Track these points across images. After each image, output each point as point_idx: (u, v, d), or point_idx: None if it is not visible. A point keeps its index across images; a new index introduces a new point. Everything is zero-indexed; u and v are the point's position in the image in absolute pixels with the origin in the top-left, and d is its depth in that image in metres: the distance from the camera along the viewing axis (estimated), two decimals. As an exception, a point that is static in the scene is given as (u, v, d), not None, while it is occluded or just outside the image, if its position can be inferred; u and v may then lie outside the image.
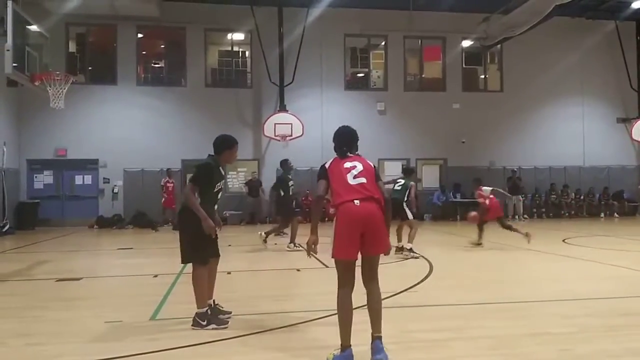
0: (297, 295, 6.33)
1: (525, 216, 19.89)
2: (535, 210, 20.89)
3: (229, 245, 11.32)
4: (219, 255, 5.10)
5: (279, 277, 7.84)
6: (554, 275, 7.62)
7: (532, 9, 17.41)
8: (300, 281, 7.55)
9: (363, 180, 3.94)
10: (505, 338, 4.37)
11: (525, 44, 20.25)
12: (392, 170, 21.02)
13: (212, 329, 4.73)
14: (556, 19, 19.11)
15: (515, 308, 5.47)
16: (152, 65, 20.49)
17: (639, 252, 10.15)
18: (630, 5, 19.91)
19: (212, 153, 5.09)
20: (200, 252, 4.83)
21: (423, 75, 21.65)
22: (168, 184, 17.23)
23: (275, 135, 18.51)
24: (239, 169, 19.73)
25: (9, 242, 13.29)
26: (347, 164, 4.03)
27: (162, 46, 20.62)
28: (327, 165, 4.06)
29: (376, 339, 3.78)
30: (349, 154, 4.12)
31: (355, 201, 3.84)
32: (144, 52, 20.13)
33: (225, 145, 5.07)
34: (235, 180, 19.72)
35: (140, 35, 19.77)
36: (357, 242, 3.79)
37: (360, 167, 4.02)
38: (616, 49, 21.34)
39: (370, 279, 3.90)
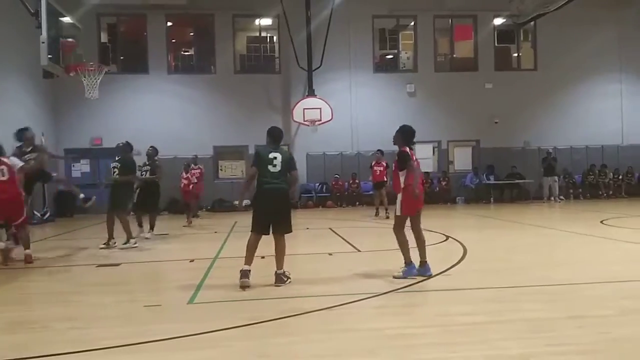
0: (329, 279, 6.36)
1: (561, 197, 19.45)
2: (571, 191, 20.40)
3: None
4: None
5: (311, 261, 7.89)
6: (591, 258, 7.46)
7: (567, -17, 16.83)
8: (332, 265, 7.57)
9: (421, 170, 6.36)
10: (542, 321, 4.32)
11: (560, 20, 19.59)
12: (423, 153, 20.86)
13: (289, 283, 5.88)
14: (593, -7, 18.45)
15: (552, 291, 5.39)
16: (182, 53, 20.69)
17: (681, 233, 9.83)
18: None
19: (272, 142, 6.05)
20: None
21: (454, 55, 21.24)
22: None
23: (304, 120, 18.51)
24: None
25: (49, 230, 13.73)
26: (415, 156, 6.15)
27: (191, 34, 20.78)
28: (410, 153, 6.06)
29: (424, 262, 6.09)
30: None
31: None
32: (173, 41, 20.33)
33: (282, 136, 6.27)
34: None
35: (169, 24, 19.96)
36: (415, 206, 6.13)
37: (418, 160, 6.22)
38: (656, 23, 20.51)
39: (419, 226, 6.20)
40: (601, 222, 11.73)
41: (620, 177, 20.67)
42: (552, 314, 4.52)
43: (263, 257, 6.72)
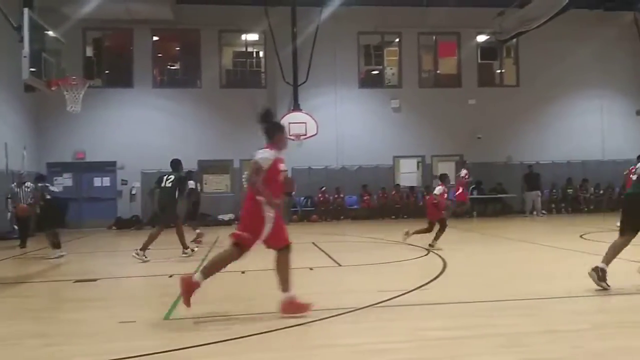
0: (309, 294, 6.33)
1: (544, 212, 19.64)
2: (554, 205, 20.62)
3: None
4: None
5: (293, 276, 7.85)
6: (568, 272, 7.50)
7: (548, 2, 17.15)
8: (313, 280, 7.55)
9: None
10: (517, 336, 4.34)
11: (541, 38, 19.96)
12: (407, 168, 20.99)
13: None
14: (573, 12, 18.78)
15: (527, 305, 5.42)
16: (168, 67, 20.73)
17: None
18: (649, -5, 19.53)
19: None
20: None
21: (438, 72, 21.52)
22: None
23: (289, 135, 18.50)
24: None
25: (29, 244, 13.52)
26: None
27: (177, 48, 20.86)
28: None
29: None
30: None
31: None
32: (159, 55, 20.37)
33: None
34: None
35: (155, 38, 20.01)
36: None
37: None
38: (635, 41, 20.91)
39: None
40: (581, 236, 11.84)
41: (602, 191, 20.93)
42: (526, 328, 4.54)
43: (243, 272, 6.70)
